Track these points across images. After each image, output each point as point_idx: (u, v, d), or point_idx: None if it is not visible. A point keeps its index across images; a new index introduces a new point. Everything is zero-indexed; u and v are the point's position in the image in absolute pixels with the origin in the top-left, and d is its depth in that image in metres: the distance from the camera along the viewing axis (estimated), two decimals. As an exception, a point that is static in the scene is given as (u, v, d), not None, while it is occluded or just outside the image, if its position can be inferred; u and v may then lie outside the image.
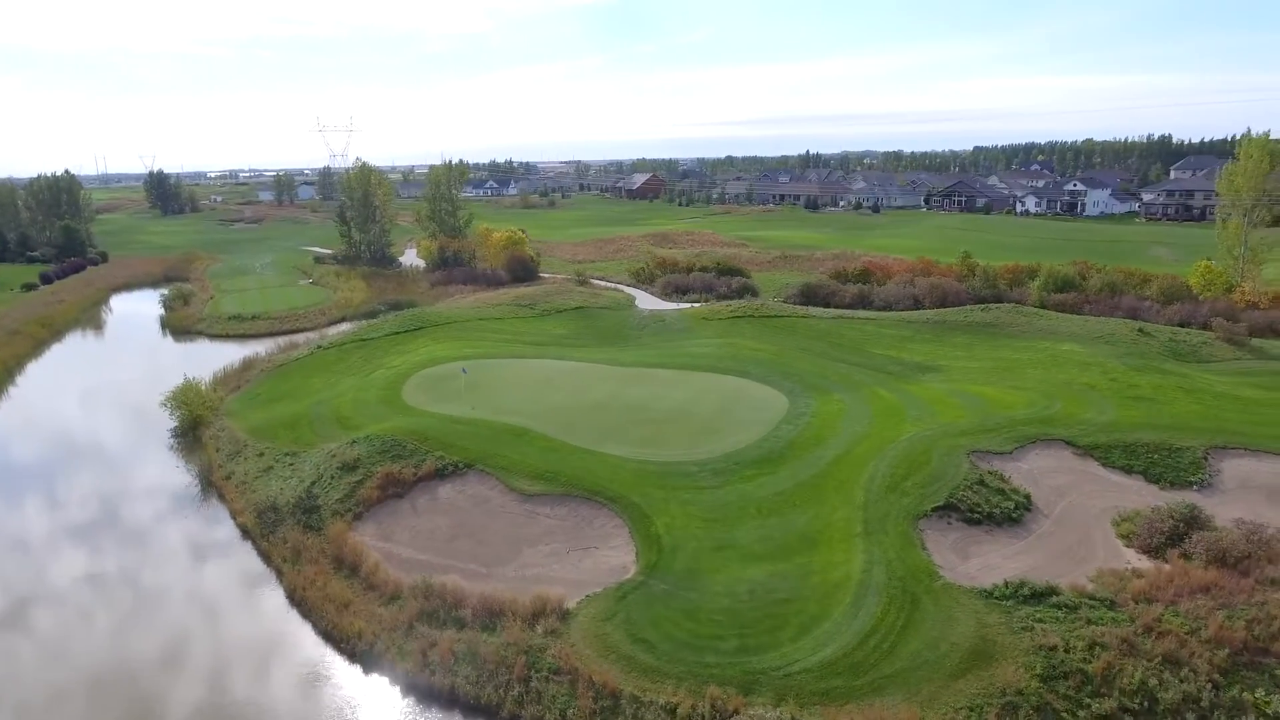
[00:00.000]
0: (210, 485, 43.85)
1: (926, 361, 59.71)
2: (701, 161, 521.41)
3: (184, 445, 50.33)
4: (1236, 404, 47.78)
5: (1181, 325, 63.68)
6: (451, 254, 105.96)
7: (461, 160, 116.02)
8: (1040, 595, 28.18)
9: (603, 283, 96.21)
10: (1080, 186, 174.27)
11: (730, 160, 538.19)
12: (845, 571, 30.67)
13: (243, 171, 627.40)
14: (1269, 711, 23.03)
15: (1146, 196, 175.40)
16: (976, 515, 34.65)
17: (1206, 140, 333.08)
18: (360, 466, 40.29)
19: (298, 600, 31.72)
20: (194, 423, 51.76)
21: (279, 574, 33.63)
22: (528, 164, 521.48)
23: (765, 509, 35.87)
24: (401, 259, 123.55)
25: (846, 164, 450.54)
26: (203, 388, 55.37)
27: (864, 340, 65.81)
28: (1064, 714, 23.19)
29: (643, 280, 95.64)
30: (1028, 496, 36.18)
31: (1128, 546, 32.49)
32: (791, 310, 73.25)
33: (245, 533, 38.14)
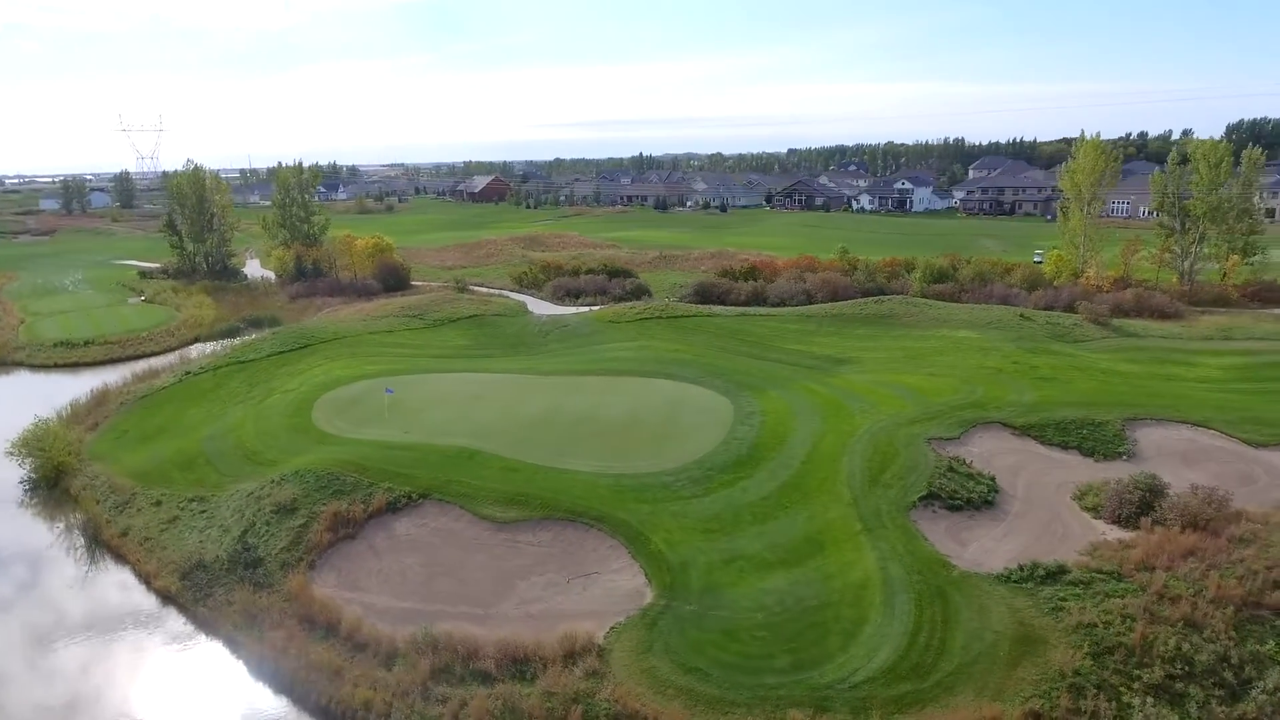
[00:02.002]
0: (101, 546, 36.90)
1: (837, 354, 61.60)
2: (531, 164, 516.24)
3: (47, 500, 42.22)
4: (1123, 379, 52.89)
5: (1047, 309, 69.88)
6: (311, 264, 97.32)
7: (305, 163, 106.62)
8: (1053, 575, 29.28)
9: (484, 289, 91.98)
10: (908, 184, 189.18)
11: (560, 162, 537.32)
12: (863, 571, 30.45)
13: (9, 178, 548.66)
14: (1277, 657, 25.06)
15: (960, 193, 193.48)
16: (956, 501, 35.70)
17: (994, 142, 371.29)
18: (300, 508, 35.38)
19: (272, 674, 27.04)
20: (56, 472, 43.56)
21: (238, 644, 28.57)
22: (351, 167, 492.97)
23: (758, 514, 35.06)
24: (244, 270, 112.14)
25: (677, 165, 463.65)
26: (58, 428, 46.77)
27: (771, 336, 66.95)
28: (1121, 689, 24.04)
29: (527, 285, 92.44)
30: (993, 479, 37.77)
31: (1096, 519, 34.61)
32: (695, 310, 73.31)
33: (168, 599, 32.24)
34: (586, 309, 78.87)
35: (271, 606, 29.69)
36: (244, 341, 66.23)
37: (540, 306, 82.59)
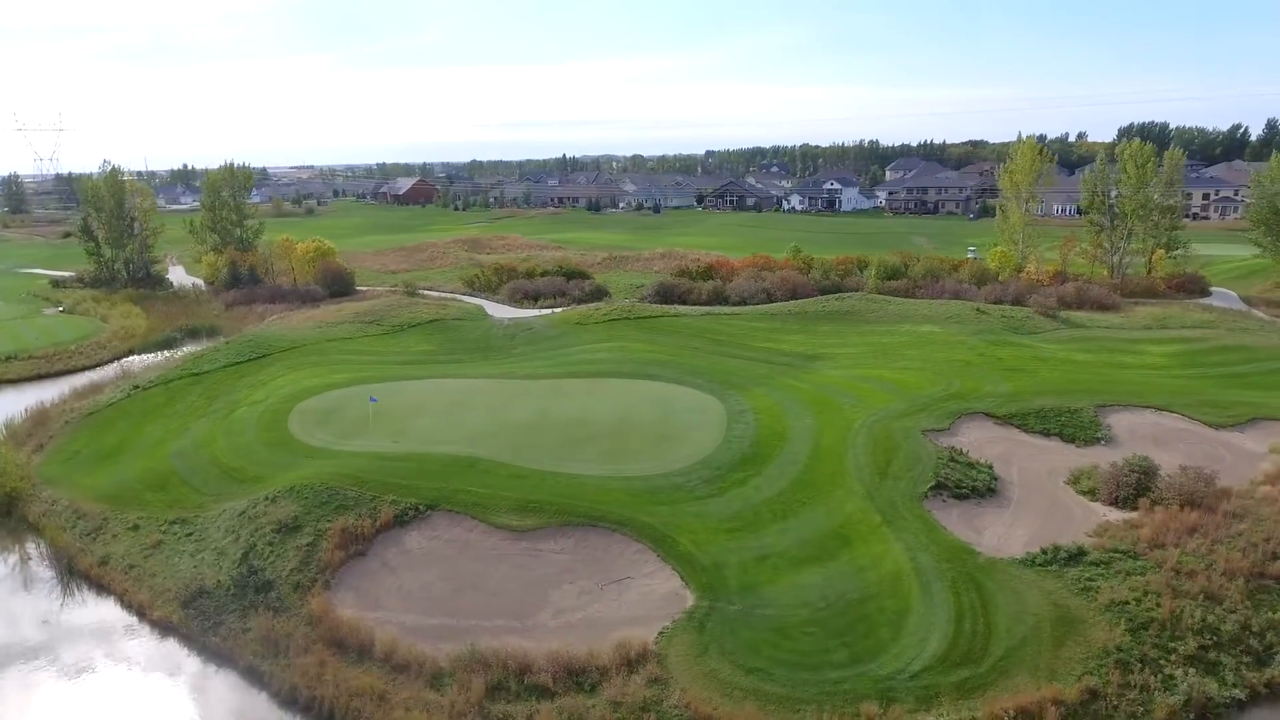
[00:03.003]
0: (78, 576, 34.03)
1: (808, 351, 62.64)
2: (447, 165, 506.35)
3: (0, 530, 38.72)
4: (1083, 368, 55.65)
5: (996, 303, 72.89)
6: (247, 270, 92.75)
7: (246, 165, 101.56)
8: (1074, 557, 30.47)
9: (435, 293, 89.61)
10: (836, 185, 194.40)
11: (477, 164, 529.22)
12: (894, 562, 30.97)
13: None
14: (1294, 626, 26.76)
15: (883, 193, 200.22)
16: (963, 490, 36.76)
17: (905, 144, 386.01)
18: (304, 525, 33.57)
19: (307, 703, 25.48)
20: (8, 499, 40.00)
21: (262, 675, 26.78)
22: (261, 169, 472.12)
23: (777, 511, 35.23)
24: (169, 278, 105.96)
25: (599, 167, 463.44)
26: (5, 451, 43.03)
27: (740, 335, 67.55)
28: (1160, 661, 25.20)
29: (479, 288, 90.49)
30: (990, 467, 39.08)
31: (1094, 501, 36.20)
32: (662, 310, 73.33)
33: (168, 629, 29.99)
34: (548, 311, 77.87)
35: (294, 632, 27.99)
36: (195, 352, 62.48)
37: (498, 310, 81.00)
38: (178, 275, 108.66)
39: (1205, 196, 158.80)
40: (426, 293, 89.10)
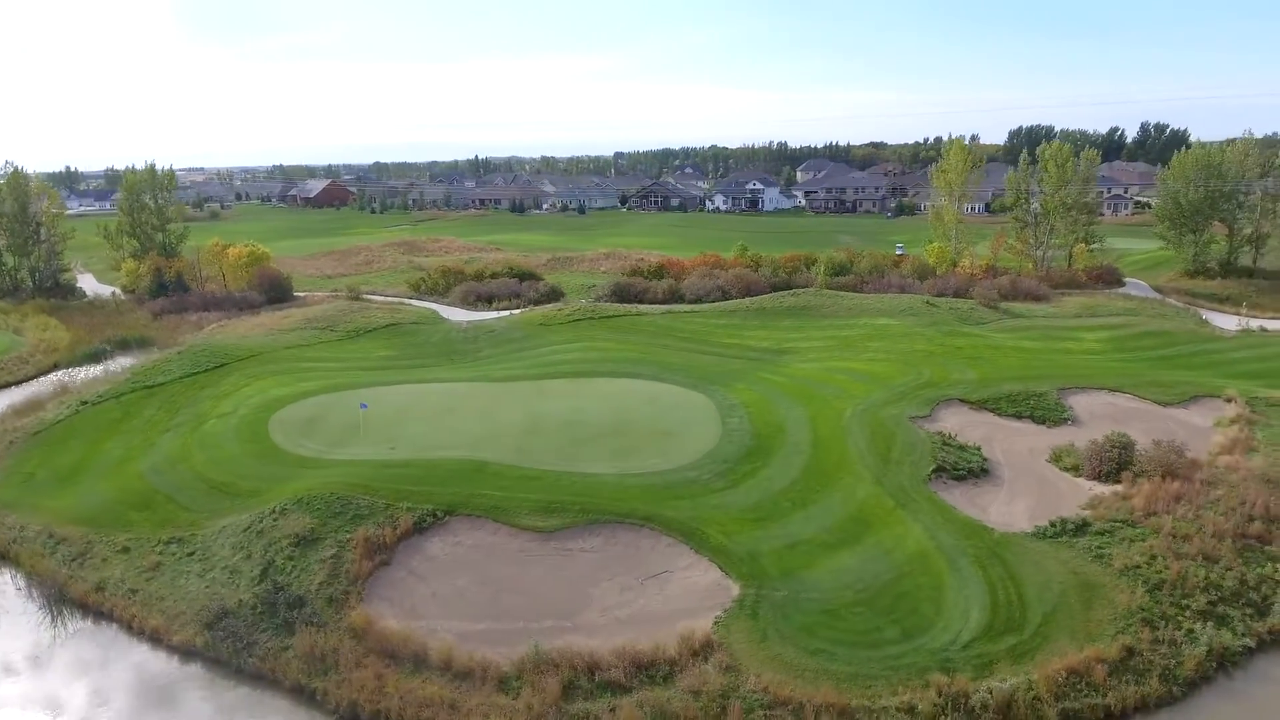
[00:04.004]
0: (72, 605, 31.65)
1: (773, 346, 64.30)
2: (349, 168, 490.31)
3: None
4: (1034, 354, 59.32)
5: (939, 296, 76.63)
6: (174, 276, 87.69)
7: (155, 166, 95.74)
8: (1081, 528, 32.69)
9: (380, 298, 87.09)
10: (759, 185, 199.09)
11: (383, 166, 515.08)
12: (918, 542, 32.43)
13: None
14: (1278, 578, 29.62)
15: (800, 193, 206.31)
16: (960, 472, 38.74)
17: (809, 146, 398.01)
18: (323, 537, 32.40)
19: (371, 718, 24.67)
20: (-32, 527, 36.76)
21: (313, 693, 25.75)
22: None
23: (795, 500, 36.25)
24: (80, 286, 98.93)
25: (510, 168, 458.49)
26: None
27: (704, 332, 68.66)
28: (1179, 618, 27.44)
29: (425, 291, 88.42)
30: (979, 449, 41.33)
31: (1078, 477, 38.78)
32: (624, 309, 73.69)
33: (191, 654, 28.38)
34: (505, 313, 77.03)
35: (339, 646, 27.02)
36: (144, 364, 58.71)
37: (452, 313, 79.51)
38: (89, 284, 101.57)
39: (1099, 194, 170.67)
40: (371, 297, 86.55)
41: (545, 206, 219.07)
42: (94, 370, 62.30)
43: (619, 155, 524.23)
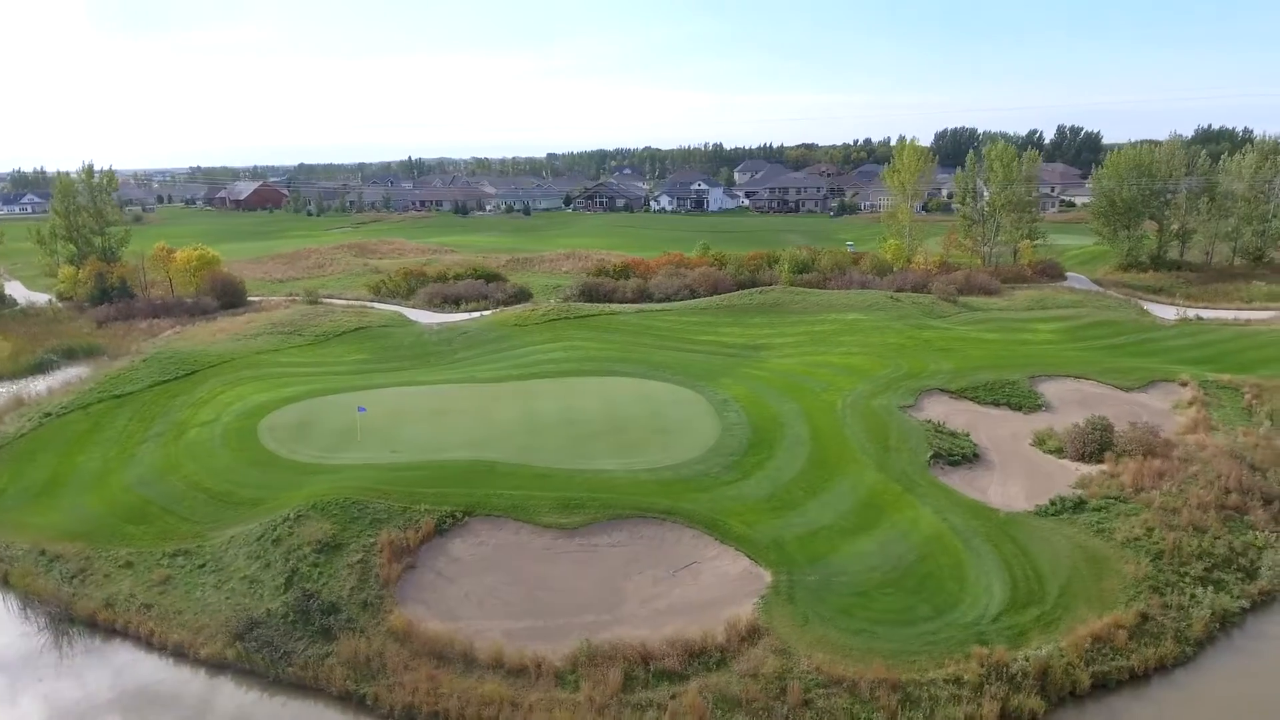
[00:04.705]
0: (80, 624, 30.25)
1: (749, 342, 65.57)
2: (273, 169, 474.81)
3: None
4: (999, 345, 62.10)
5: (899, 291, 79.27)
6: (117, 282, 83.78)
7: (93, 166, 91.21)
8: (1078, 506, 34.68)
9: (340, 301, 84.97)
10: (704, 185, 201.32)
11: (306, 167, 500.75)
12: (931, 524, 33.83)
13: None
14: (1261, 544, 32.11)
15: (740, 192, 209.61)
16: (955, 458, 40.49)
17: (740, 148, 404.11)
18: (347, 543, 31.85)
19: (427, 718, 24.50)
20: (-52, 548, 34.64)
21: (363, 699, 25.36)
22: (59, 172, 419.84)
23: (806, 489, 37.29)
24: (9, 294, 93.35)
25: (443, 169, 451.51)
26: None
27: (680, 330, 69.46)
28: (1180, 584, 29.47)
29: (387, 294, 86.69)
30: (968, 435, 43.23)
31: (1063, 459, 40.99)
32: (598, 309, 73.87)
33: (223, 666, 27.55)
34: (475, 315, 76.22)
35: (384, 650, 26.70)
36: (111, 371, 56.00)
37: (418, 315, 78.22)
38: (18, 291, 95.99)
39: (1039, 193, 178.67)
40: (330, 301, 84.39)
41: (489, 208, 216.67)
42: (45, 382, 59.22)
43: (552, 156, 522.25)
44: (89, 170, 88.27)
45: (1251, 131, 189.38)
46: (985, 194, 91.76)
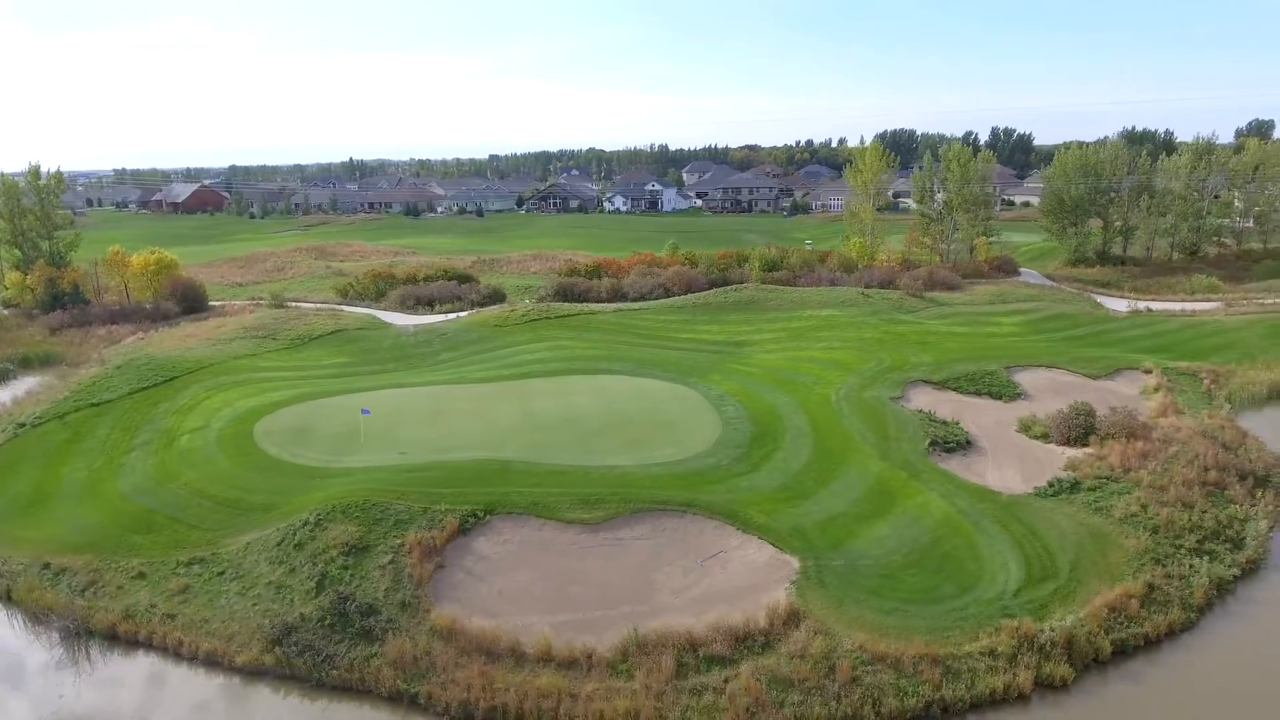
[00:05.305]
0: (99, 637, 29.34)
1: (730, 339, 66.71)
2: (203, 170, 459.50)
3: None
4: (968, 338, 64.56)
5: (868, 287, 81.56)
6: (69, 288, 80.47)
7: (39, 167, 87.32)
8: (1074, 487, 36.59)
9: (309, 304, 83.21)
10: (658, 186, 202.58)
11: (237, 169, 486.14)
12: (939, 508, 35.28)
13: None
14: (1242, 517, 34.44)
15: (693, 193, 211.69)
16: (950, 445, 42.19)
17: (683, 149, 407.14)
18: (374, 545, 31.67)
19: (487, 714, 24.58)
20: (-58, 565, 33.12)
21: (415, 697, 25.34)
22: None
23: (817, 479, 38.41)
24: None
25: (383, 170, 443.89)
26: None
27: (660, 328, 70.20)
28: (1181, 554, 31.46)
29: (355, 296, 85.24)
30: (959, 423, 45.02)
31: (1049, 443, 43.06)
32: (577, 309, 74.08)
33: (261, 673, 27.14)
34: (452, 316, 75.65)
35: (431, 649, 26.71)
36: (85, 379, 53.82)
37: (392, 317, 77.22)
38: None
39: (990, 192, 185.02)
40: (298, 305, 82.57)
41: (440, 210, 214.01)
42: (7, 391, 56.78)
43: (495, 157, 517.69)
44: (35, 171, 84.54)
45: (1174, 134, 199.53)
46: (940, 194, 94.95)
